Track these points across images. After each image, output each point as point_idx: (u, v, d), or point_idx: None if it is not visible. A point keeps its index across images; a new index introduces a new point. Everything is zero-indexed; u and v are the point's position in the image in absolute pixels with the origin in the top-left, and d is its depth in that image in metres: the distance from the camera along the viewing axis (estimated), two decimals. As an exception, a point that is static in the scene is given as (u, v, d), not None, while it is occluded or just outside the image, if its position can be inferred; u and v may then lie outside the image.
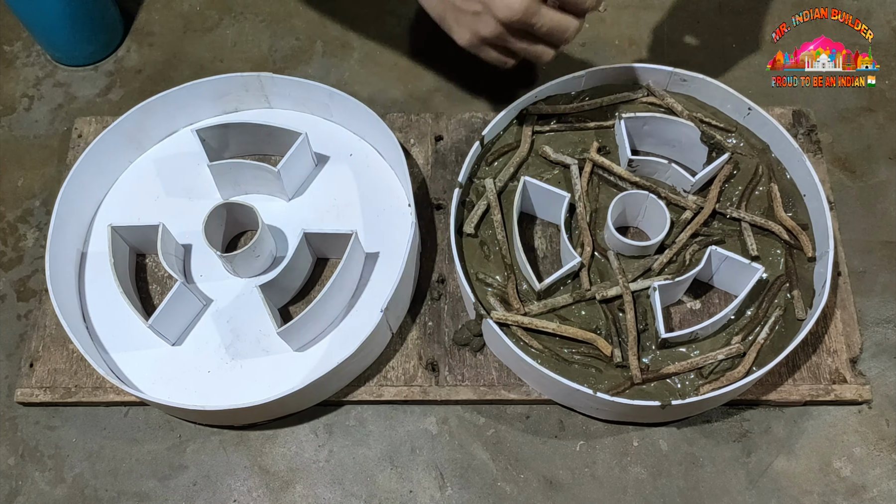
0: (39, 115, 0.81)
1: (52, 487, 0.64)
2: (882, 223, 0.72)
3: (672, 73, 0.70)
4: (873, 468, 0.62)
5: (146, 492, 0.63)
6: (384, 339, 0.65)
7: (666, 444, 0.63)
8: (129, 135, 0.73)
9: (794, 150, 0.67)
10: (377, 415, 0.65)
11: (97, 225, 0.72)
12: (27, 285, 0.72)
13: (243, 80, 0.74)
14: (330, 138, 0.75)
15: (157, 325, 0.64)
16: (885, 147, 0.75)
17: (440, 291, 0.68)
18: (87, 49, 0.83)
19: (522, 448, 0.64)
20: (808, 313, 0.63)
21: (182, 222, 0.70)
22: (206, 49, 0.84)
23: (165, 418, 0.66)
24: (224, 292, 0.69)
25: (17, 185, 0.77)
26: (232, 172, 0.70)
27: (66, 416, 0.66)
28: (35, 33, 0.82)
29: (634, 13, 0.84)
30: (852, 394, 0.63)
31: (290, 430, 0.65)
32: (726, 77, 0.79)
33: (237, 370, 0.65)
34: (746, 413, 0.64)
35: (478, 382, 0.64)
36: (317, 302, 0.62)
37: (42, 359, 0.67)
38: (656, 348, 0.62)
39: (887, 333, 0.67)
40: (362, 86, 0.81)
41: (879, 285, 0.69)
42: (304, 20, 0.85)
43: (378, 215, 0.71)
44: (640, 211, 0.67)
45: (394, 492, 0.63)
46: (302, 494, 0.63)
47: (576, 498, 0.62)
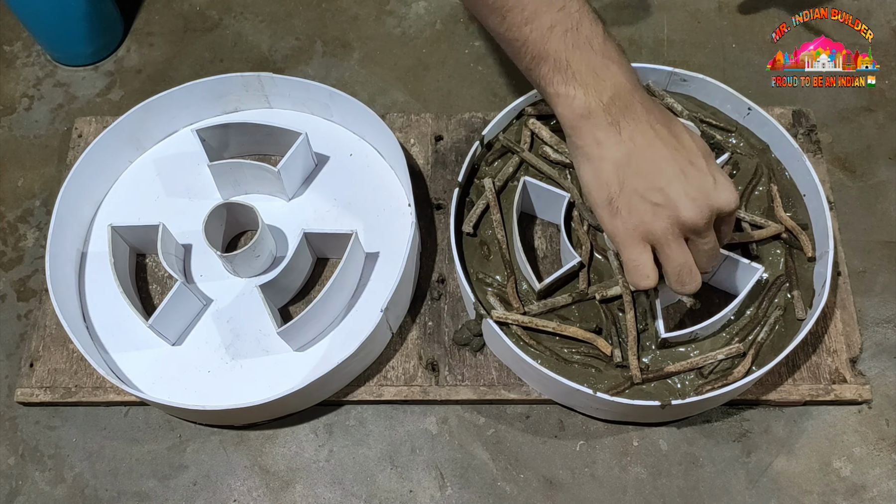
0: (39, 115, 0.81)
1: (52, 487, 0.64)
2: (882, 223, 0.72)
3: (672, 73, 0.70)
4: (873, 468, 0.62)
5: (146, 491, 0.63)
6: (384, 339, 0.65)
7: (666, 444, 0.63)
8: (129, 135, 0.73)
9: (794, 150, 0.67)
10: (377, 415, 0.65)
11: (97, 225, 0.72)
12: (27, 285, 0.72)
13: (243, 80, 0.74)
14: (330, 138, 0.75)
15: (157, 325, 0.64)
16: (885, 147, 0.75)
17: (440, 291, 0.68)
18: (87, 49, 0.83)
19: (522, 448, 0.64)
20: (808, 313, 0.63)
21: (182, 222, 0.70)
22: (206, 49, 0.84)
23: (165, 418, 0.66)
24: (224, 292, 0.69)
25: (17, 185, 0.77)
26: (232, 172, 0.70)
27: (66, 415, 0.66)
28: (35, 33, 0.82)
29: (634, 13, 0.84)
30: (852, 394, 0.63)
31: (290, 430, 0.65)
32: (726, 77, 0.79)
33: (237, 370, 0.65)
34: (746, 413, 0.64)
35: (478, 382, 0.64)
36: (317, 302, 0.62)
37: (42, 359, 0.67)
38: (656, 348, 0.62)
39: (887, 333, 0.67)
40: (362, 86, 0.81)
41: (879, 285, 0.69)
42: (304, 20, 0.85)
43: (378, 215, 0.71)
44: None
45: (394, 492, 0.63)
46: (302, 494, 0.63)
47: (576, 498, 0.62)
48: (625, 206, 0.53)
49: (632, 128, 0.52)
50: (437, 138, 0.75)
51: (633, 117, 0.53)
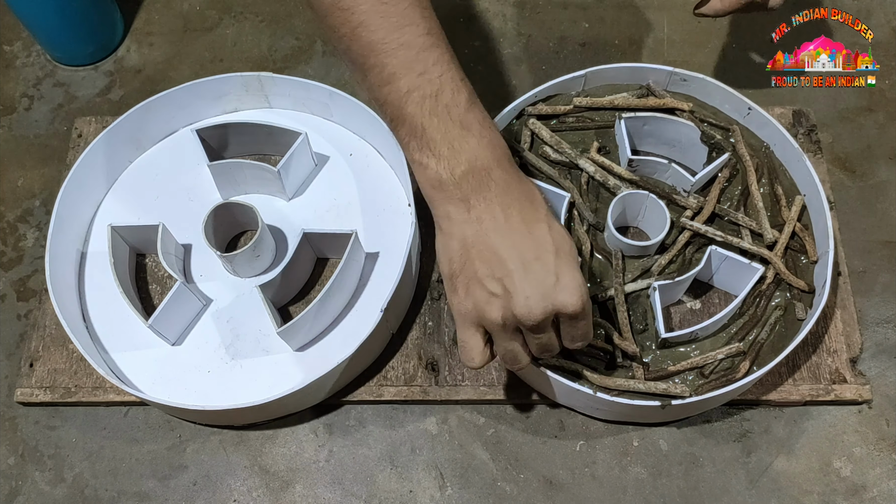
0: (39, 115, 0.81)
1: (52, 487, 0.64)
2: (882, 223, 0.72)
3: (672, 73, 0.70)
4: (873, 468, 0.62)
5: (146, 492, 0.63)
6: (384, 339, 0.65)
7: (666, 444, 0.63)
8: (129, 135, 0.73)
9: (794, 150, 0.67)
10: (377, 415, 0.65)
11: (97, 225, 0.72)
12: (27, 285, 0.72)
13: (243, 80, 0.74)
14: (330, 138, 0.75)
15: (157, 325, 0.64)
16: (885, 147, 0.75)
17: (440, 291, 0.68)
18: (87, 49, 0.83)
19: (522, 448, 0.64)
20: (808, 313, 0.63)
21: (182, 222, 0.70)
22: (206, 49, 0.84)
23: (165, 418, 0.66)
24: (224, 292, 0.69)
25: (17, 185, 0.77)
26: (232, 172, 0.70)
27: (66, 415, 0.66)
28: (35, 33, 0.82)
29: (634, 13, 0.84)
30: (852, 394, 0.63)
31: (290, 430, 0.65)
32: (726, 77, 0.79)
33: (237, 370, 0.65)
34: (746, 413, 0.64)
35: (478, 382, 0.64)
36: (317, 302, 0.62)
37: (42, 359, 0.67)
38: (656, 348, 0.62)
39: (887, 333, 0.67)
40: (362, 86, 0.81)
41: (879, 285, 0.69)
42: (304, 20, 0.85)
43: (378, 215, 0.71)
44: (640, 211, 0.67)
45: (394, 492, 0.63)
46: (302, 494, 0.63)
47: (576, 498, 0.62)
48: (463, 287, 0.50)
49: (481, 208, 0.50)
50: (437, 138, 0.75)
51: (484, 196, 0.50)
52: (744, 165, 0.68)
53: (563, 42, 0.83)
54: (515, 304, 0.48)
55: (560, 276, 0.49)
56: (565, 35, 0.83)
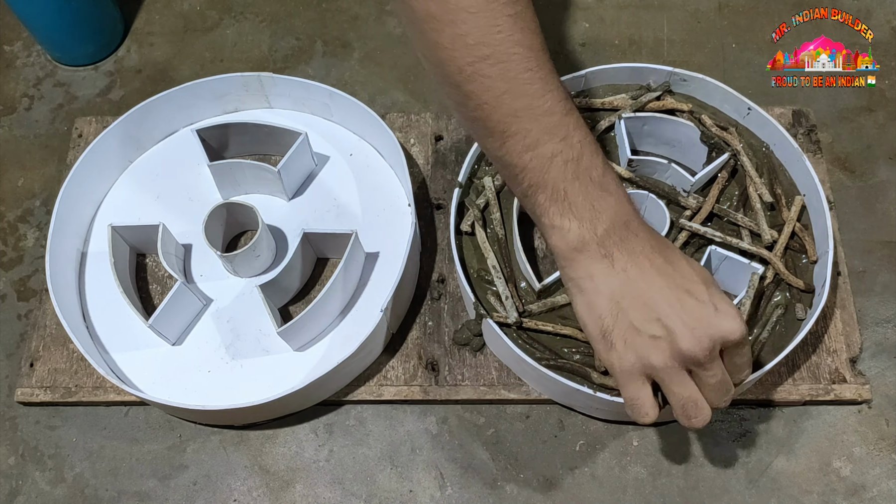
0: (39, 115, 0.81)
1: (53, 487, 0.64)
2: (882, 223, 0.72)
3: (672, 73, 0.70)
4: (873, 468, 0.62)
5: (146, 491, 0.63)
6: (384, 339, 0.65)
7: (666, 444, 0.63)
8: (129, 135, 0.73)
9: (794, 150, 0.67)
10: (377, 414, 0.65)
11: (97, 225, 0.72)
12: (27, 285, 0.72)
13: (243, 80, 0.74)
14: (330, 138, 0.75)
15: (158, 325, 0.64)
16: (885, 147, 0.75)
17: (440, 291, 0.68)
18: (87, 49, 0.83)
19: (522, 448, 0.64)
20: (807, 313, 0.63)
21: (182, 222, 0.70)
22: (206, 49, 0.84)
23: (165, 418, 0.66)
24: (224, 292, 0.69)
25: (17, 185, 0.77)
26: (232, 172, 0.70)
27: (66, 415, 0.66)
28: (35, 33, 0.82)
29: (634, 13, 0.84)
30: (852, 393, 0.63)
31: (290, 430, 0.65)
32: (726, 77, 0.79)
33: (237, 370, 0.65)
34: (746, 413, 0.64)
35: (478, 382, 0.64)
36: (317, 302, 0.62)
37: (42, 358, 0.67)
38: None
39: (887, 333, 0.67)
40: (362, 86, 0.81)
41: (879, 285, 0.69)
42: (304, 20, 0.86)
43: (378, 215, 0.71)
44: (639, 211, 0.67)
45: (394, 491, 0.63)
46: (302, 494, 0.63)
47: (576, 498, 0.62)
48: (619, 340, 0.50)
49: (625, 259, 0.50)
50: (438, 138, 0.75)
51: (626, 248, 0.50)
52: (743, 169, 0.68)
53: (563, 42, 0.83)
54: (681, 340, 0.48)
55: (717, 305, 0.49)
56: (565, 35, 0.83)
